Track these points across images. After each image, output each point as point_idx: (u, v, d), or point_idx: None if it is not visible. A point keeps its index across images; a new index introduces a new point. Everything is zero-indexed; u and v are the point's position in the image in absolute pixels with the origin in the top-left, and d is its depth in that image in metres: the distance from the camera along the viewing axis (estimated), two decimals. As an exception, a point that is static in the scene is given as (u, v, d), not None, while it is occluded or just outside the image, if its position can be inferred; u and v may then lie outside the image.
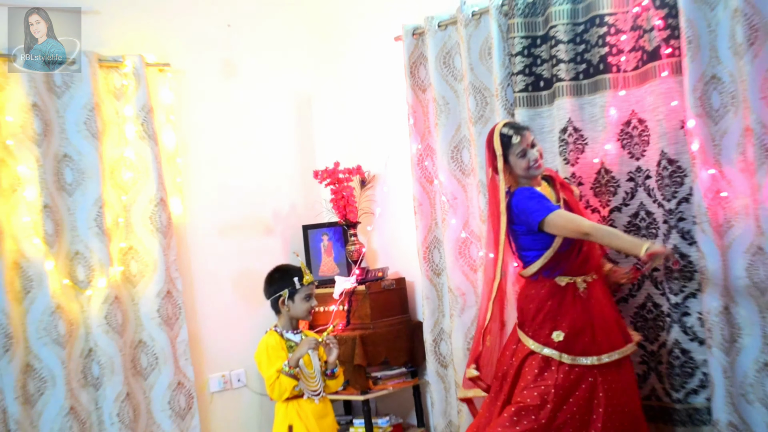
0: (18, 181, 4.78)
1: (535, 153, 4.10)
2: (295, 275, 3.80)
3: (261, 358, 3.71)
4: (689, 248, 4.23)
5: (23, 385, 4.65)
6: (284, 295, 3.79)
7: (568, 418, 3.91)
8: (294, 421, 3.64)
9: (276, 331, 3.78)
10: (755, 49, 3.96)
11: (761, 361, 4.06)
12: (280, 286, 3.82)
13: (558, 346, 3.98)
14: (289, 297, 3.78)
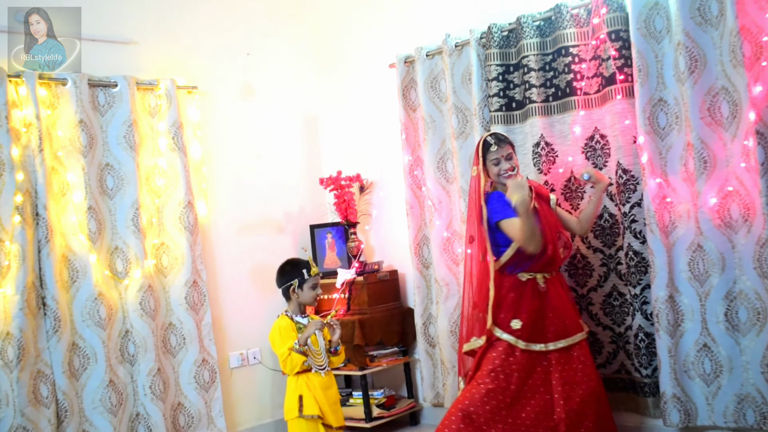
0: (67, 186, 4.79)
1: (505, 165, 4.12)
2: (303, 267, 3.83)
3: (274, 338, 3.74)
4: (641, 246, 4.29)
5: (70, 361, 4.65)
6: (294, 284, 3.81)
7: (529, 397, 3.98)
8: (303, 391, 3.66)
9: (287, 315, 3.81)
10: (695, 76, 4.04)
11: (701, 342, 4.13)
12: (291, 276, 3.84)
13: (515, 333, 4.02)
14: (298, 286, 3.80)
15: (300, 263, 3.86)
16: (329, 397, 3.73)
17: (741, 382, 4.03)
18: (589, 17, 4.46)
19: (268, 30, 6.05)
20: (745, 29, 3.89)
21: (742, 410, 4.03)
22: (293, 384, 3.71)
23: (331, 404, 3.72)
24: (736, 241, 4.03)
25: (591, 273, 4.58)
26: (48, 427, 4.49)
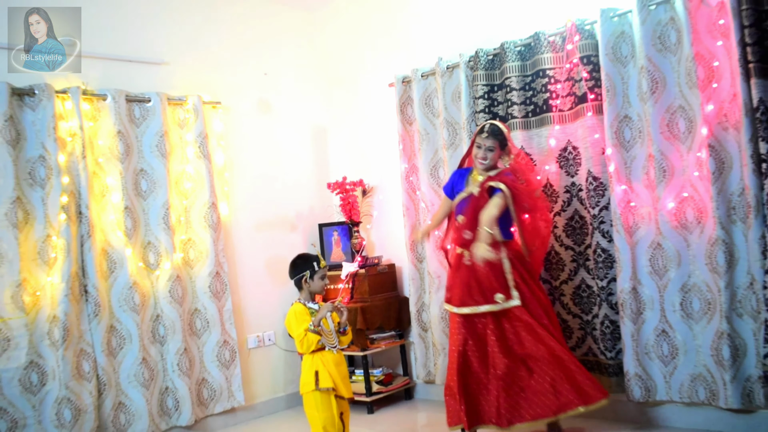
0: (106, 188, 4.80)
1: (481, 153, 4.17)
2: (313, 261, 3.83)
3: (291, 322, 3.73)
4: (608, 244, 4.30)
5: (108, 341, 4.67)
6: (306, 275, 3.80)
7: (470, 354, 4.08)
8: (319, 367, 3.65)
9: (300, 302, 3.81)
10: (656, 96, 4.06)
11: (659, 328, 4.15)
12: (303, 269, 3.83)
13: (448, 300, 4.21)
14: (309, 277, 3.80)
15: (310, 257, 3.86)
16: (341, 372, 3.72)
17: (694, 363, 4.05)
18: (564, 43, 4.47)
19: (283, 53, 6.06)
20: (700, 55, 3.92)
21: (695, 387, 4.05)
22: (309, 361, 3.70)
23: (342, 378, 3.72)
24: (691, 240, 4.04)
25: (563, 268, 4.59)
26: (89, 398, 4.52)
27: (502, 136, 4.18)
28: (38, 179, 4.51)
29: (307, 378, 3.70)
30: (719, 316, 3.88)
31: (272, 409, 5.59)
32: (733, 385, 3.84)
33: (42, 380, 4.40)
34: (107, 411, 4.63)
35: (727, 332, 3.84)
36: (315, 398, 3.66)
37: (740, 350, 3.85)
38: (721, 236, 3.84)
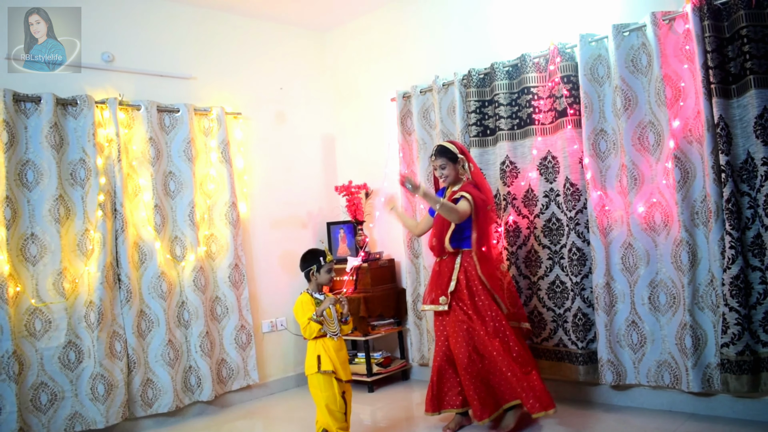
0: (139, 188, 4.81)
1: (437, 173, 4.21)
2: (320, 255, 3.80)
3: (297, 310, 3.72)
4: (582, 244, 4.30)
5: (138, 324, 4.68)
6: (314, 269, 3.79)
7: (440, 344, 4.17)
8: (321, 352, 3.64)
9: (307, 292, 3.79)
10: (628, 112, 4.06)
11: (630, 319, 4.14)
12: (311, 262, 3.80)
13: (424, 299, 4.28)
14: (317, 270, 3.78)
15: (318, 252, 3.84)
16: (340, 357, 3.71)
17: (660, 350, 4.05)
18: (547, 64, 4.46)
19: (297, 70, 6.05)
20: (668, 77, 3.92)
21: (661, 373, 4.05)
22: (312, 346, 3.70)
23: (342, 362, 3.70)
24: (658, 241, 4.04)
25: (540, 265, 4.58)
26: (120, 375, 4.52)
27: (450, 152, 4.15)
28: (78, 179, 4.52)
29: (310, 361, 3.69)
30: (683, 309, 3.88)
31: (283, 387, 5.58)
32: (695, 371, 3.84)
33: (79, 358, 4.41)
34: (136, 386, 4.64)
35: (690, 324, 3.84)
36: (318, 379, 3.66)
37: (701, 340, 3.85)
38: (685, 238, 3.84)
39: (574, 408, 4.33)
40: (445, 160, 4.15)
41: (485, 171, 4.80)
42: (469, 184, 4.14)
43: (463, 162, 4.16)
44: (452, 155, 4.15)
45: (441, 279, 4.14)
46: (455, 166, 4.15)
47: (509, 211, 4.67)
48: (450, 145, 4.18)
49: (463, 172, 4.17)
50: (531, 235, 4.62)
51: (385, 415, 4.69)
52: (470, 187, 4.09)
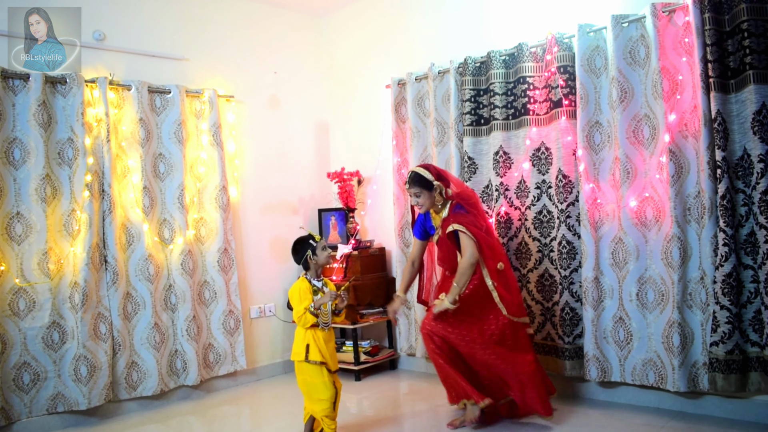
0: (128, 169, 4.74)
1: (412, 200, 3.95)
2: (309, 239, 3.72)
3: (293, 296, 3.56)
4: (573, 237, 4.23)
5: (124, 306, 4.63)
6: (309, 253, 3.68)
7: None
8: (310, 341, 3.56)
9: (306, 278, 3.68)
10: (624, 104, 3.99)
11: (617, 316, 4.09)
12: (304, 249, 3.69)
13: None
14: (313, 254, 3.68)
15: (305, 237, 3.73)
16: (329, 348, 3.63)
17: (646, 349, 3.99)
18: (544, 54, 4.38)
19: (292, 54, 5.97)
20: (665, 69, 3.84)
21: (646, 371, 3.98)
22: (301, 334, 3.60)
23: (330, 353, 3.63)
24: (649, 236, 3.97)
25: (529, 257, 4.52)
26: (104, 357, 4.47)
27: (423, 180, 3.88)
28: (66, 159, 4.45)
29: (298, 348, 3.61)
30: (671, 307, 3.82)
31: (271, 373, 5.53)
32: (681, 370, 3.78)
33: (62, 339, 4.36)
34: (121, 369, 4.59)
35: (678, 321, 3.78)
36: (305, 367, 3.59)
37: (688, 339, 3.79)
38: (676, 234, 3.78)
39: (561, 402, 4.27)
40: (419, 189, 3.89)
41: (478, 161, 4.73)
42: (456, 209, 3.90)
43: (440, 189, 3.89)
44: (427, 183, 3.88)
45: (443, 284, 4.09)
46: (431, 194, 3.89)
47: (501, 202, 4.60)
48: (424, 172, 3.91)
49: (440, 199, 3.91)
50: (522, 227, 4.55)
51: (371, 404, 4.63)
52: (460, 216, 3.84)
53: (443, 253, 4.02)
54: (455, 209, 3.91)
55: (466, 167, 4.76)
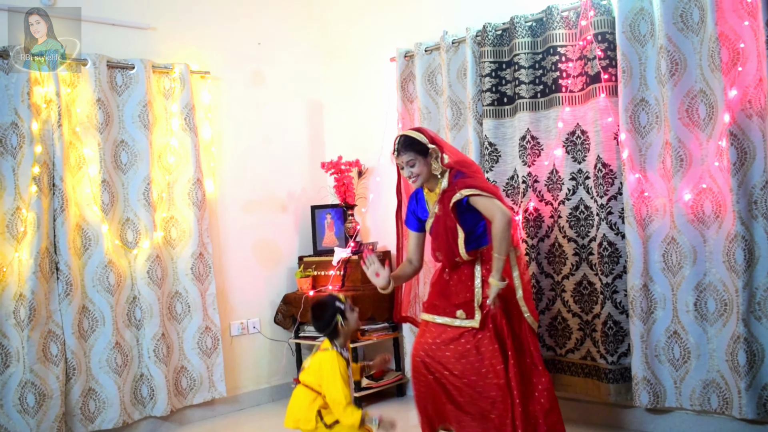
0: (83, 160, 4.71)
1: (405, 172, 3.75)
2: (335, 300, 3.56)
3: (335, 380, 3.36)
4: (615, 237, 4.20)
5: (79, 322, 4.59)
6: (339, 319, 3.54)
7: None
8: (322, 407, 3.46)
9: (338, 351, 3.52)
10: (675, 78, 3.96)
11: (671, 329, 4.06)
12: (333, 312, 3.51)
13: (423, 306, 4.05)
14: (343, 318, 3.55)
15: (329, 300, 3.55)
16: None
17: (707, 368, 3.94)
18: (578, 19, 4.34)
19: (279, 22, 5.95)
20: (724, 36, 3.78)
21: (707, 395, 3.94)
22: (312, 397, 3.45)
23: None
24: (708, 235, 3.92)
25: (565, 261, 4.48)
26: (56, 383, 4.44)
27: (418, 144, 3.71)
28: (9, 147, 4.42)
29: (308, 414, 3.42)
30: (736, 319, 3.76)
31: (255, 402, 5.50)
32: (749, 393, 3.72)
33: (5, 362, 4.33)
34: (75, 397, 4.55)
35: (744, 336, 3.72)
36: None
37: (757, 356, 3.74)
38: (740, 232, 3.72)
39: (602, 434, 4.23)
40: (414, 155, 3.70)
41: (501, 147, 4.70)
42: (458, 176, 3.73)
43: (436, 154, 3.72)
44: (421, 147, 3.71)
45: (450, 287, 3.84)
46: (427, 160, 3.71)
47: (529, 196, 4.56)
48: (417, 134, 3.75)
49: (437, 167, 3.73)
50: (555, 226, 4.52)
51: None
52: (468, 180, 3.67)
53: (441, 238, 3.78)
54: (457, 176, 3.72)
55: (486, 155, 4.71)
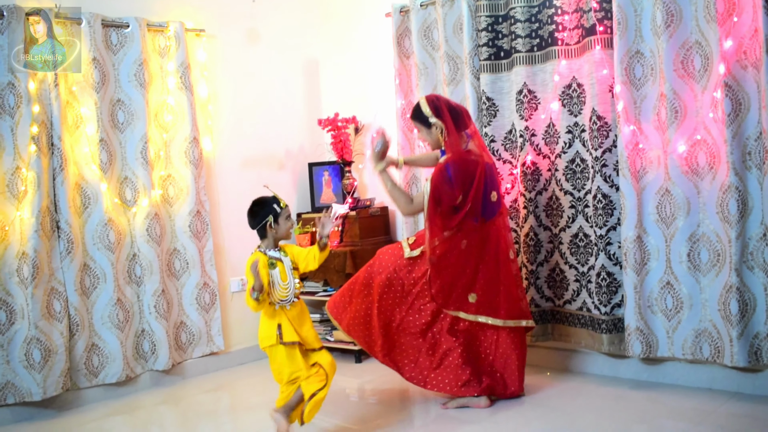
0: (80, 119, 4.72)
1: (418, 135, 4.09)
2: (273, 203, 3.64)
3: (247, 275, 3.51)
4: (610, 190, 4.22)
5: (81, 280, 4.64)
6: (270, 219, 3.62)
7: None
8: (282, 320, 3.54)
9: (260, 251, 3.65)
10: (671, 30, 3.94)
11: (664, 280, 4.09)
12: (265, 213, 3.59)
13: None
14: (274, 221, 3.62)
15: (268, 200, 3.64)
16: (302, 321, 3.60)
17: (699, 318, 3.98)
18: (574, -29, 4.32)
19: (274, -23, 5.92)
20: (720, -15, 3.77)
21: (699, 344, 3.99)
22: (270, 313, 3.56)
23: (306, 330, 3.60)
24: (702, 187, 3.94)
25: (561, 214, 4.51)
26: (60, 338, 4.49)
27: (419, 114, 4.07)
28: (7, 107, 4.41)
29: (268, 331, 3.52)
30: (728, 269, 3.80)
31: (254, 356, 5.54)
32: (740, 342, 3.77)
33: (10, 319, 4.37)
34: (79, 352, 4.61)
35: (737, 286, 3.76)
36: (280, 352, 3.54)
37: (749, 305, 3.78)
38: (734, 183, 3.74)
39: (597, 383, 4.29)
40: (418, 124, 4.09)
41: (498, 101, 4.71)
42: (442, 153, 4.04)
43: (439, 127, 4.02)
44: (423, 119, 4.06)
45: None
46: (430, 131, 4.07)
47: (527, 150, 4.58)
48: (425, 105, 4.06)
49: (442, 140, 4.06)
50: (552, 179, 4.55)
51: (375, 389, 4.67)
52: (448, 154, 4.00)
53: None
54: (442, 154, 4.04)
55: (484, 109, 4.73)
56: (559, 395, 4.17)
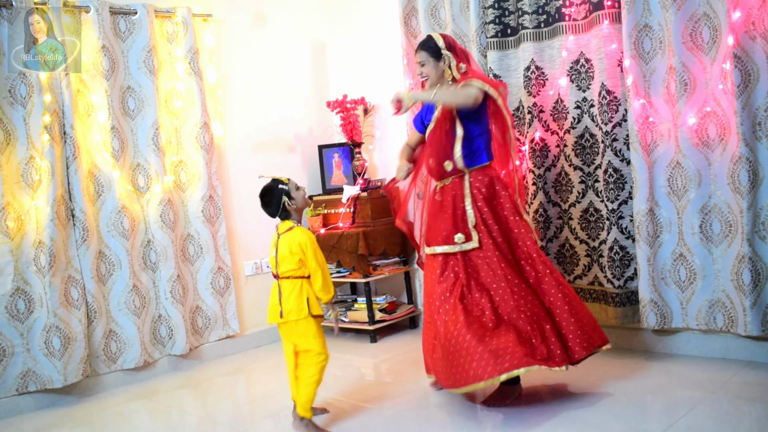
0: (92, 107, 4.76)
1: (418, 70, 3.93)
2: (278, 184, 3.69)
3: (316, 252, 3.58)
4: (621, 164, 4.24)
5: (97, 267, 4.69)
6: (285, 199, 3.68)
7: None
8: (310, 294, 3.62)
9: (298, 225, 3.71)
10: (678, 2, 3.94)
11: (677, 252, 4.11)
12: (278, 196, 3.67)
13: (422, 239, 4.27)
14: (289, 198, 3.67)
15: (272, 185, 3.70)
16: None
17: (712, 288, 4.02)
18: (580, -54, 4.33)
19: (279, -41, 5.93)
20: (728, -45, 3.77)
21: (713, 314, 4.02)
22: (298, 287, 3.63)
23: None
24: (712, 158, 3.96)
25: (571, 190, 4.54)
26: (79, 326, 4.55)
27: (432, 46, 3.87)
28: (19, 97, 4.45)
29: (300, 305, 3.61)
30: (740, 239, 3.82)
31: (270, 339, 5.61)
32: (753, 311, 3.80)
33: (29, 307, 4.43)
34: (98, 339, 4.68)
35: (749, 256, 3.79)
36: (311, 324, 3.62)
37: (762, 275, 3.80)
38: (744, 154, 3.75)
39: (611, 356, 4.32)
40: (426, 56, 3.87)
41: (506, 78, 4.72)
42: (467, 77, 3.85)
43: (449, 60, 3.86)
44: (435, 50, 3.86)
45: (443, 208, 3.91)
46: (438, 64, 3.87)
47: (535, 126, 4.60)
48: (437, 37, 3.89)
49: (449, 73, 3.88)
50: (561, 155, 4.56)
51: (390, 369, 4.72)
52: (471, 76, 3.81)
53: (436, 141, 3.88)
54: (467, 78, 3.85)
55: (491, 87, 4.74)
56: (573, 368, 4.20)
